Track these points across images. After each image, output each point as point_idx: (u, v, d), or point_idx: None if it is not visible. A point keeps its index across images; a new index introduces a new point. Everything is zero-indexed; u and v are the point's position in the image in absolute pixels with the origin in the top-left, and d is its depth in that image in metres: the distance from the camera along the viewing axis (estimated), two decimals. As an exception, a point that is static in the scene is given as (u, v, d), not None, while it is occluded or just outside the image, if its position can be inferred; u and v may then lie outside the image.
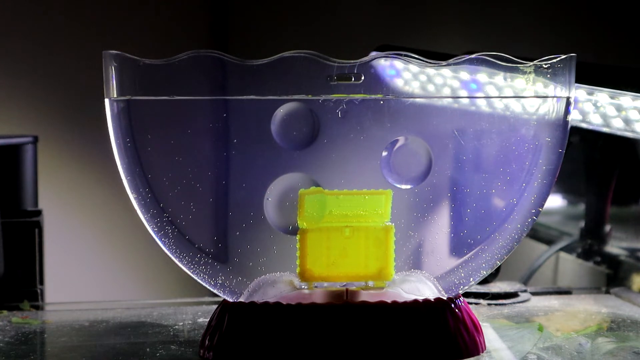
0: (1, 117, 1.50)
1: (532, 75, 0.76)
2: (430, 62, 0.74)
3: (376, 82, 0.75)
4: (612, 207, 1.18)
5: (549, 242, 1.25)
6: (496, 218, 0.77)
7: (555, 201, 1.32)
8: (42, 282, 1.03)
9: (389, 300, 0.74)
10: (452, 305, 0.76)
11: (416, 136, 0.76)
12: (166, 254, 0.77)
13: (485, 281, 0.99)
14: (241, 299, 0.76)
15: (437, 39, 1.51)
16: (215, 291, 0.78)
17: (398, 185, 0.76)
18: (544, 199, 0.77)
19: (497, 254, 0.78)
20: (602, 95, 0.97)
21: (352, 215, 0.76)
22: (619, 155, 1.17)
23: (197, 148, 0.75)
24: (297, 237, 0.75)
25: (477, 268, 0.78)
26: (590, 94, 0.98)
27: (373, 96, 0.75)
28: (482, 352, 0.77)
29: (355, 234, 0.76)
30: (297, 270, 0.76)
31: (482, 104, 0.77)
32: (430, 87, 0.99)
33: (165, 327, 0.88)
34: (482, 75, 0.87)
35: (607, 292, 1.05)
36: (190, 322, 0.89)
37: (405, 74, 0.98)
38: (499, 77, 0.82)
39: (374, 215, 0.76)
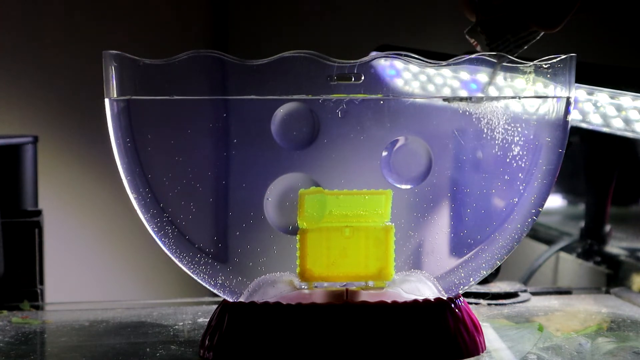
0: (1, 117, 1.50)
1: (532, 75, 0.76)
2: (430, 62, 0.74)
3: (376, 82, 0.75)
4: (612, 207, 1.18)
5: (549, 242, 1.25)
6: (496, 218, 0.77)
7: (555, 201, 1.32)
8: (42, 282, 1.03)
9: (389, 300, 0.74)
10: (452, 305, 0.76)
11: (416, 136, 0.76)
12: (166, 254, 0.77)
13: (485, 281, 0.99)
14: (241, 299, 0.76)
15: (437, 39, 1.51)
16: (215, 291, 0.78)
17: (398, 185, 0.76)
18: (544, 199, 0.77)
19: (497, 254, 0.78)
20: (602, 95, 0.97)
21: (352, 215, 0.76)
22: (619, 155, 1.17)
23: (197, 148, 0.75)
24: (297, 237, 0.75)
25: (477, 268, 0.78)
26: (590, 94, 0.98)
27: (373, 96, 0.75)
28: (482, 352, 0.77)
29: (355, 234, 0.76)
30: (297, 270, 0.76)
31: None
32: (430, 87, 0.99)
33: (165, 327, 0.88)
34: (482, 75, 0.87)
35: (607, 292, 1.05)
36: (190, 322, 0.89)
37: (405, 74, 0.98)
38: (499, 77, 0.82)
39: (374, 215, 0.76)
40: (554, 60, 0.76)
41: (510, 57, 0.75)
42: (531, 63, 0.75)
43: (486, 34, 0.72)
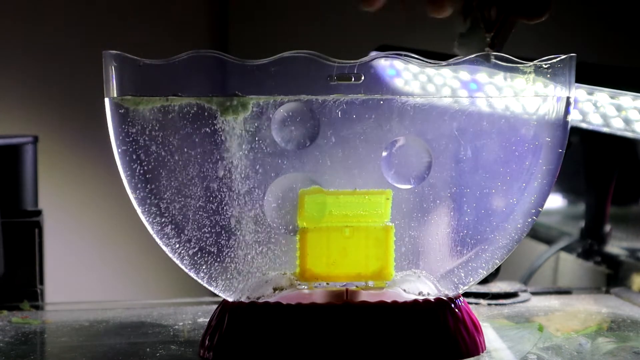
0: (1, 117, 1.50)
1: (532, 75, 0.76)
2: (430, 62, 0.74)
3: (376, 82, 0.75)
4: (612, 207, 1.18)
5: (549, 242, 1.25)
6: (496, 218, 0.77)
7: (555, 201, 1.32)
8: (42, 282, 1.03)
9: (389, 300, 0.74)
10: (452, 305, 0.76)
11: (416, 136, 0.76)
12: (166, 254, 0.77)
13: (485, 281, 0.99)
14: (241, 299, 0.76)
15: (438, 39, 1.51)
16: (215, 291, 0.77)
17: (398, 185, 0.76)
18: (544, 199, 0.77)
19: (497, 254, 0.78)
20: (602, 95, 0.97)
21: (352, 215, 0.76)
22: (619, 155, 1.17)
23: (197, 148, 0.75)
24: (297, 237, 0.75)
25: (477, 268, 0.78)
26: (590, 94, 0.98)
27: (373, 96, 0.75)
28: (482, 352, 0.77)
29: (355, 234, 0.75)
30: (297, 270, 0.76)
31: (482, 104, 0.77)
32: (430, 87, 0.99)
33: (165, 327, 0.88)
34: (482, 75, 0.87)
35: (607, 292, 1.05)
36: (190, 322, 0.89)
37: (405, 74, 0.98)
38: (499, 77, 0.82)
39: (374, 215, 0.76)
40: (554, 60, 0.76)
41: (509, 56, 0.75)
42: (531, 63, 0.75)
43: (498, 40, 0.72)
